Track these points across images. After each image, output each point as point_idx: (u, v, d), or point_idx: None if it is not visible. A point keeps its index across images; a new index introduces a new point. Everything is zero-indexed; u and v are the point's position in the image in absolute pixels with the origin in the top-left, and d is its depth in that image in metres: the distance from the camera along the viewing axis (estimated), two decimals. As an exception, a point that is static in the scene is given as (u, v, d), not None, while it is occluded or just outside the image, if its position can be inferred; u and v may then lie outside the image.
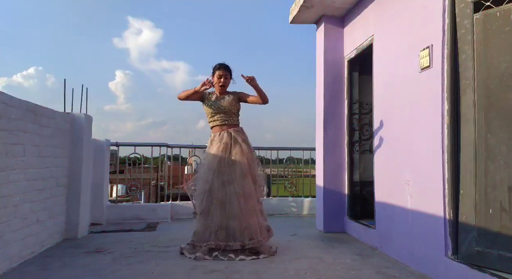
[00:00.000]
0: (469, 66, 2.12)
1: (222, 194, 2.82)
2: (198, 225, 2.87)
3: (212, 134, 3.07)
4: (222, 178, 2.86)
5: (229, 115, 3.03)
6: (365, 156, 3.82)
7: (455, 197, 2.17)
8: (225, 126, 3.01)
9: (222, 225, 2.78)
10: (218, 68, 3.07)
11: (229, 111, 3.03)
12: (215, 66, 3.10)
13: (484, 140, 2.03)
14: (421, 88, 2.49)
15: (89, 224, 3.97)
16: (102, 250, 3.00)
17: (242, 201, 2.82)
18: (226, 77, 3.07)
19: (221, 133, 2.99)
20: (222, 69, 3.07)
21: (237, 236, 2.76)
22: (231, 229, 2.77)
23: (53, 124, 3.15)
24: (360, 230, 3.47)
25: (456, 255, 2.15)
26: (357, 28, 3.63)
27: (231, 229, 2.77)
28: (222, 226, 2.78)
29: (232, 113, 3.05)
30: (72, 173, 3.46)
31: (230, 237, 2.76)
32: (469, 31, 2.13)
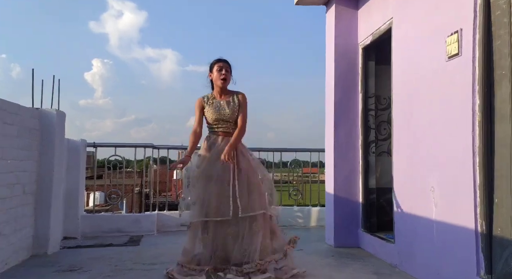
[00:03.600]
0: (505, 54, 2.09)
1: (219, 208, 2.78)
2: (188, 242, 2.85)
3: (212, 136, 3.03)
4: (222, 188, 2.82)
5: (231, 123, 3.03)
6: (383, 158, 3.82)
7: (488, 206, 2.15)
8: (230, 134, 2.99)
9: (220, 245, 2.77)
10: (216, 61, 3.09)
11: (232, 119, 3.02)
12: (212, 62, 3.11)
13: (523, 140, 2.00)
14: (449, 79, 2.47)
15: (61, 238, 3.96)
16: (77, 269, 2.98)
17: (245, 218, 2.78)
18: (227, 70, 3.07)
19: (223, 139, 2.98)
20: (221, 61, 3.09)
21: (237, 258, 2.71)
22: (230, 249, 2.74)
23: (18, 121, 3.13)
24: (377, 245, 3.45)
25: (490, 275, 2.13)
26: (374, 10, 3.62)
27: (230, 249, 2.74)
28: (221, 246, 2.76)
29: (234, 122, 3.04)
30: (42, 179, 3.44)
31: (230, 259, 2.73)
32: (505, 12, 2.10)
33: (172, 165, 3.05)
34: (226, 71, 3.05)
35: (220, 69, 3.04)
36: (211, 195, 2.82)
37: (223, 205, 2.79)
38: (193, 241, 2.84)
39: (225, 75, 3.03)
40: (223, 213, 2.77)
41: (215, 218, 2.77)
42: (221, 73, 3.02)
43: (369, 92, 3.84)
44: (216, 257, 2.75)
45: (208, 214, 2.79)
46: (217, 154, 2.89)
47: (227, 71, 3.05)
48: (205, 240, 2.79)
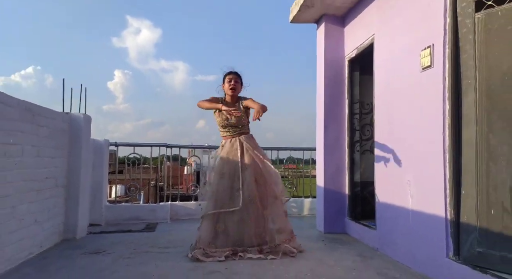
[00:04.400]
0: (471, 66, 2.12)
1: (230, 200, 2.83)
2: (204, 231, 2.86)
3: (223, 140, 3.13)
4: (231, 184, 2.87)
5: (239, 127, 3.09)
6: (366, 156, 3.82)
7: (456, 197, 2.17)
8: (236, 135, 3.08)
9: (235, 231, 2.80)
10: (228, 73, 3.16)
11: (239, 124, 3.08)
12: (224, 74, 3.17)
13: (486, 140, 2.03)
14: (423, 88, 2.49)
15: (88, 225, 3.97)
16: (101, 251, 3.00)
17: (255, 206, 2.84)
18: (236, 81, 3.12)
19: (231, 140, 3.05)
20: (232, 73, 3.16)
21: (253, 241, 2.79)
22: (245, 234, 2.80)
23: (51, 124, 3.15)
24: (361, 231, 3.46)
25: (457, 256, 2.15)
26: (358, 27, 3.63)
27: (245, 234, 2.80)
28: (236, 232, 2.80)
29: (242, 125, 3.10)
30: (71, 174, 3.46)
31: (245, 242, 2.79)
32: (470, 30, 2.12)
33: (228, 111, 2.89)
34: (236, 81, 3.11)
35: (230, 81, 3.11)
36: (223, 189, 2.87)
37: (233, 197, 2.83)
38: (208, 230, 2.84)
39: (234, 85, 3.09)
40: (234, 204, 2.81)
41: (228, 208, 2.81)
42: (231, 83, 3.09)
43: (355, 98, 3.85)
44: (233, 241, 2.79)
45: (222, 206, 2.83)
46: (227, 154, 2.98)
47: (236, 82, 3.12)
48: (220, 228, 2.82)
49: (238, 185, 2.86)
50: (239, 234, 2.82)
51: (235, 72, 3.17)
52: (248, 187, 2.86)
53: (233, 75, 3.14)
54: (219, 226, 2.82)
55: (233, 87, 3.09)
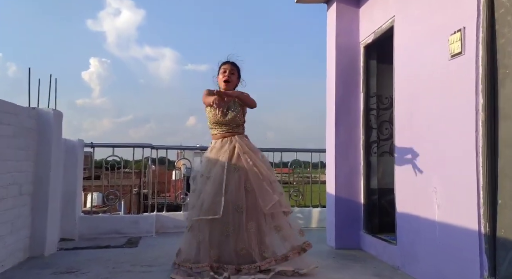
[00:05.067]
0: (509, 53, 2.09)
1: (211, 207, 2.79)
2: (183, 242, 2.87)
3: (212, 141, 3.12)
4: (219, 188, 2.83)
5: (233, 126, 3.08)
6: (385, 159, 3.82)
7: (492, 207, 2.15)
8: (228, 134, 3.06)
9: (214, 243, 2.78)
10: (223, 64, 3.16)
11: (234, 123, 3.07)
12: (220, 65, 3.17)
13: (527, 140, 2.00)
14: (451, 78, 2.47)
15: (59, 239, 3.94)
16: (74, 271, 2.97)
17: (241, 218, 2.79)
18: (232, 72, 3.12)
19: (223, 140, 3.03)
20: (228, 63, 3.15)
21: (232, 257, 2.74)
22: (224, 248, 2.76)
23: (15, 121, 3.12)
24: (379, 247, 3.45)
25: (493, 277, 2.13)
26: (376, 8, 3.61)
27: (225, 248, 2.76)
28: (215, 244, 2.78)
29: (237, 124, 3.09)
30: (39, 179, 3.43)
31: (224, 258, 2.75)
32: (509, 10, 2.10)
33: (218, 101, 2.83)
34: (231, 73, 3.10)
35: (224, 71, 3.11)
36: (207, 194, 2.84)
37: (215, 203, 2.79)
38: (188, 243, 2.85)
39: (228, 77, 3.09)
40: (214, 212, 2.77)
41: (206, 216, 2.78)
42: (224, 75, 3.09)
43: (371, 91, 3.84)
44: (211, 255, 2.76)
45: (201, 213, 2.80)
46: (215, 156, 2.97)
47: (232, 73, 3.11)
48: (199, 238, 2.79)
49: (222, 190, 2.81)
50: (218, 248, 2.77)
51: (231, 62, 3.16)
52: (234, 193, 2.82)
53: (229, 65, 3.14)
54: (198, 236, 2.80)
55: (227, 79, 3.08)
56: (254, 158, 2.98)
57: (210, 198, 2.82)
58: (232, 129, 3.07)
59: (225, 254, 2.77)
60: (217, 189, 2.83)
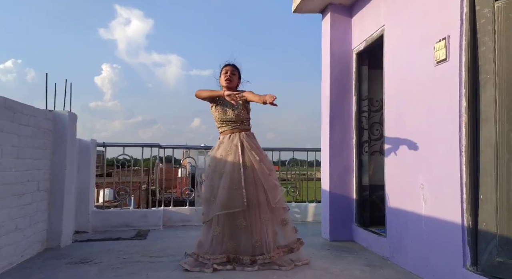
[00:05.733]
0: (490, 59, 2.10)
1: (230, 201, 2.79)
2: (203, 235, 2.86)
3: (220, 136, 3.10)
4: (231, 183, 2.84)
5: (239, 123, 3.07)
6: (375, 157, 3.82)
7: (474, 202, 2.16)
8: (236, 130, 3.05)
9: (231, 236, 2.79)
10: (224, 66, 3.17)
11: (238, 120, 3.06)
12: (221, 67, 3.19)
13: (506, 140, 2.01)
14: (437, 83, 2.48)
15: (73, 232, 3.96)
16: (88, 261, 2.99)
17: (254, 211, 2.81)
18: (233, 73, 3.13)
19: (231, 136, 3.02)
20: (229, 65, 3.17)
21: (248, 249, 2.76)
22: (241, 241, 2.78)
23: (33, 122, 3.13)
24: (370, 239, 3.46)
25: (475, 266, 2.13)
26: (367, 18, 3.62)
27: (241, 241, 2.78)
28: (232, 237, 2.79)
29: (242, 120, 3.08)
30: (55, 177, 3.44)
31: (240, 249, 2.77)
32: (489, 20, 2.11)
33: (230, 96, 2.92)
34: (232, 73, 3.12)
35: (226, 72, 3.12)
36: (224, 189, 2.83)
37: (233, 198, 2.80)
38: (207, 234, 2.84)
39: (229, 77, 3.10)
40: (233, 206, 2.78)
41: (226, 210, 2.78)
42: (226, 75, 3.10)
43: (363, 95, 3.84)
44: (227, 247, 2.77)
45: (220, 207, 2.80)
46: (225, 151, 2.95)
47: (233, 74, 3.12)
48: (216, 232, 2.79)
49: (241, 184, 2.82)
50: (235, 240, 2.79)
51: (232, 64, 3.18)
52: (249, 188, 2.83)
53: (230, 66, 3.15)
54: (215, 229, 2.79)
55: (228, 78, 3.08)
56: (260, 155, 2.99)
57: (225, 192, 2.81)
58: (238, 126, 3.05)
59: (241, 246, 2.77)
60: (236, 184, 2.82)
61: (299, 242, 2.97)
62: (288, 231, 2.94)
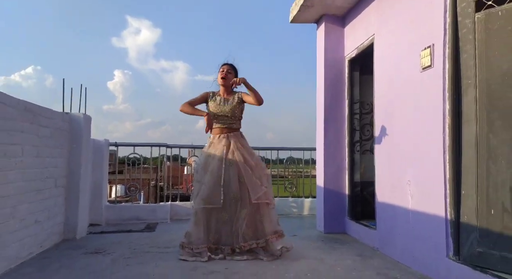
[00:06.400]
0: (471, 66, 2.12)
1: (210, 198, 2.81)
2: (190, 227, 2.88)
3: (211, 135, 3.09)
4: (213, 181, 2.84)
5: (232, 119, 3.05)
6: (366, 156, 3.82)
7: (456, 197, 2.17)
8: (225, 129, 3.04)
9: (214, 228, 2.81)
10: (222, 65, 3.15)
11: (233, 115, 3.05)
12: (220, 66, 3.16)
13: (486, 140, 2.03)
14: (423, 87, 2.49)
15: (88, 225, 3.97)
16: (101, 251, 3.00)
17: (237, 206, 2.82)
18: (229, 71, 3.10)
19: (220, 136, 3.02)
20: (226, 64, 3.14)
21: (229, 240, 2.78)
22: (222, 232, 2.81)
23: (51, 124, 3.15)
24: (361, 231, 3.46)
25: (457, 256, 2.15)
26: (358, 27, 3.63)
27: (223, 232, 2.80)
28: (215, 229, 2.81)
29: (235, 118, 3.07)
30: (71, 174, 3.46)
31: (222, 241, 2.80)
32: (470, 30, 2.12)
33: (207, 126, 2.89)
34: (228, 72, 3.09)
35: (222, 71, 3.10)
36: (208, 185, 2.84)
37: (213, 195, 2.81)
38: (193, 226, 2.85)
39: (225, 75, 3.07)
40: (212, 202, 2.80)
41: (205, 205, 2.80)
42: (222, 73, 3.08)
43: (354, 98, 3.85)
44: (210, 238, 2.80)
45: (201, 202, 2.81)
46: (215, 150, 2.95)
47: (229, 72, 3.09)
48: (200, 224, 2.80)
49: (220, 182, 2.83)
50: (218, 232, 2.82)
51: (229, 64, 3.15)
52: (230, 185, 2.83)
53: (226, 65, 3.12)
54: (201, 221, 2.81)
55: (224, 75, 3.06)
56: (245, 154, 2.96)
57: (209, 188, 2.83)
58: (230, 124, 3.03)
59: (223, 237, 2.81)
60: (216, 181, 2.83)
61: (277, 234, 2.88)
62: (266, 224, 2.88)
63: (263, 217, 2.89)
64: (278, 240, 2.88)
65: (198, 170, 3.03)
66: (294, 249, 2.94)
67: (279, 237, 2.90)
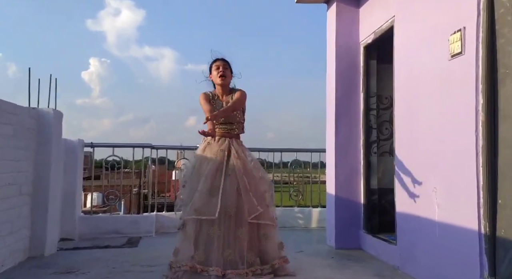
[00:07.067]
0: (509, 52, 2.09)
1: (204, 207, 2.77)
2: (178, 242, 2.83)
3: (208, 137, 3.04)
4: (209, 189, 2.81)
5: (234, 124, 3.07)
6: (385, 159, 3.81)
7: (492, 207, 2.15)
8: (227, 134, 3.05)
9: (202, 243, 2.74)
10: (214, 61, 3.15)
11: (234, 120, 3.07)
12: (210, 63, 3.16)
13: (527, 140, 2.00)
14: (452, 78, 2.47)
15: (58, 239, 3.94)
16: (74, 271, 2.97)
17: (230, 221, 2.78)
18: (225, 67, 3.11)
19: (220, 139, 3.01)
20: (218, 60, 3.14)
21: (218, 261, 2.70)
22: (211, 251, 2.72)
23: (15, 121, 3.12)
24: (378, 246, 3.45)
25: (493, 277, 2.13)
26: (375, 8, 3.62)
27: (211, 251, 2.72)
28: (202, 245, 2.74)
29: (238, 122, 3.09)
30: (38, 179, 3.43)
31: (209, 261, 2.70)
32: (509, 10, 2.10)
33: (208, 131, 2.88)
34: (224, 68, 3.10)
35: (217, 68, 3.10)
36: (200, 192, 2.81)
37: (207, 204, 2.77)
38: (181, 241, 2.80)
39: (223, 72, 3.08)
40: (205, 213, 2.75)
41: (201, 216, 2.75)
42: (219, 71, 3.09)
43: (371, 91, 3.84)
44: (196, 256, 2.72)
45: (193, 212, 2.77)
46: (210, 154, 2.94)
47: (225, 68, 3.11)
48: (190, 238, 2.75)
49: (218, 192, 2.79)
50: (205, 249, 2.73)
51: (222, 58, 3.15)
52: (226, 196, 2.80)
53: (220, 61, 3.13)
54: (188, 234, 2.76)
55: (222, 73, 3.07)
56: (246, 166, 2.95)
57: (203, 197, 2.79)
58: (231, 129, 3.06)
59: (210, 257, 2.72)
60: (212, 190, 2.80)
61: (283, 259, 2.89)
62: (269, 248, 2.87)
63: (268, 238, 2.88)
64: (283, 265, 2.86)
65: (189, 174, 3.01)
66: (300, 268, 2.92)
67: (284, 262, 2.88)
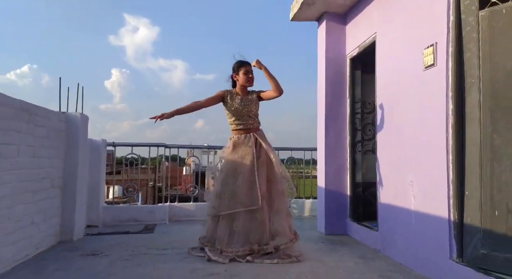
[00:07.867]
0: (475, 65, 2.11)
1: (247, 199, 2.82)
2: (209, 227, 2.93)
3: (234, 136, 3.07)
4: (247, 183, 2.86)
5: (253, 118, 3.09)
6: (368, 156, 3.82)
7: (460, 198, 2.17)
8: (251, 129, 3.06)
9: (251, 229, 2.81)
10: (242, 64, 3.09)
11: (255, 114, 3.09)
12: (238, 64, 3.10)
13: (490, 140, 2.03)
14: (426, 87, 2.49)
15: (85, 226, 3.95)
16: (98, 253, 3.00)
17: (268, 205, 2.88)
18: (252, 73, 3.10)
19: (246, 136, 3.02)
20: (247, 65, 3.08)
21: (267, 239, 2.80)
22: (251, 233, 2.81)
23: (48, 123, 3.14)
24: (363, 233, 3.46)
25: (461, 258, 2.15)
26: (360, 25, 3.63)
27: (252, 233, 2.81)
28: (252, 230, 2.81)
29: (256, 116, 3.11)
30: (68, 174, 3.45)
31: (263, 241, 2.80)
32: (474, 28, 2.12)
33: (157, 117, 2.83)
34: (252, 74, 3.10)
35: (246, 73, 3.06)
36: (241, 188, 2.85)
37: (251, 195, 2.83)
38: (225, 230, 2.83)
39: (253, 78, 3.08)
40: (250, 204, 2.81)
41: (248, 207, 2.81)
42: (249, 76, 3.07)
43: (356, 97, 3.85)
44: (251, 240, 2.79)
45: (239, 205, 2.82)
46: (241, 153, 2.96)
47: (253, 75, 3.10)
48: (238, 227, 2.80)
49: (255, 184, 2.84)
50: (247, 233, 2.81)
51: (248, 63, 3.10)
52: (262, 187, 2.86)
53: (249, 66, 3.08)
54: (236, 224, 2.81)
55: (252, 79, 3.07)
56: (271, 153, 3.00)
57: (243, 190, 2.84)
58: (250, 123, 3.05)
59: (251, 237, 2.80)
60: (252, 182, 2.85)
61: (296, 235, 3.04)
62: (291, 222, 3.03)
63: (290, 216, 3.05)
64: (295, 242, 2.94)
65: (224, 171, 2.98)
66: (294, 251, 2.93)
67: (295, 239, 2.97)
